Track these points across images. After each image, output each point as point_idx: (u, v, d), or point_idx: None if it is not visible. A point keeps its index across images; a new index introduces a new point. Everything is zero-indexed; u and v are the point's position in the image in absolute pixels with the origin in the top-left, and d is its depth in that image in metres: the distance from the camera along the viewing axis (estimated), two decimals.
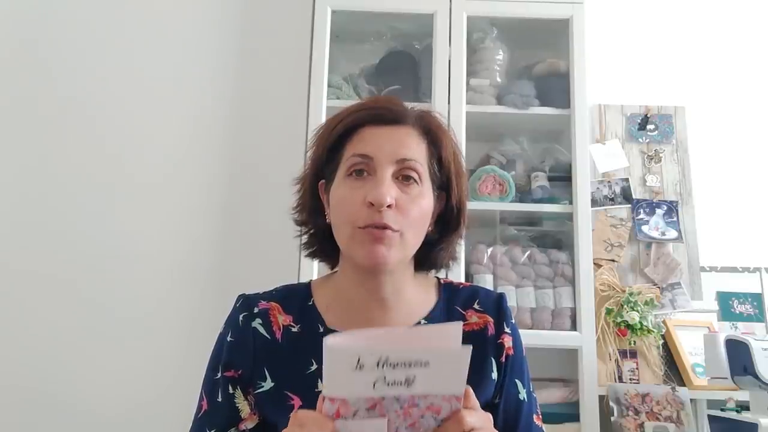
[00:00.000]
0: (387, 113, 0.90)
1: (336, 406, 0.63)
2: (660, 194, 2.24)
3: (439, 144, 0.91)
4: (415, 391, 0.63)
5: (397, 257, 0.85)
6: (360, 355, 0.60)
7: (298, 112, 2.06)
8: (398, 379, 0.62)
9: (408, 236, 0.86)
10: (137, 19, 2.34)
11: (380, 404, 0.64)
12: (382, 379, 0.61)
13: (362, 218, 0.84)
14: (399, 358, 0.61)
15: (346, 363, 0.60)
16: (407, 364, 0.61)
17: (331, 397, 0.63)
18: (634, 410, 1.89)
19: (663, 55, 2.40)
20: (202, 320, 1.92)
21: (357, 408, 0.63)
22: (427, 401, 0.65)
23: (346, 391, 0.62)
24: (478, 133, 2.11)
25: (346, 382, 0.62)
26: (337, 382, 0.62)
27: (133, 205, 2.20)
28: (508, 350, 0.93)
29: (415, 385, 0.63)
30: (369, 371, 0.61)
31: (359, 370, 0.60)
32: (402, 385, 0.62)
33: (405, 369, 0.61)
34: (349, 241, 0.86)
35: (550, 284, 2.00)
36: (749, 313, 2.16)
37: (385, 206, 0.82)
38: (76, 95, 2.27)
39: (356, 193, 0.85)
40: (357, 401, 0.63)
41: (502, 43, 2.18)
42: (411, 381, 0.62)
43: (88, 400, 2.06)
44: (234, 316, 0.94)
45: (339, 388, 0.63)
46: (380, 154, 0.86)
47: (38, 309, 2.11)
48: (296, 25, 2.25)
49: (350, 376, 0.61)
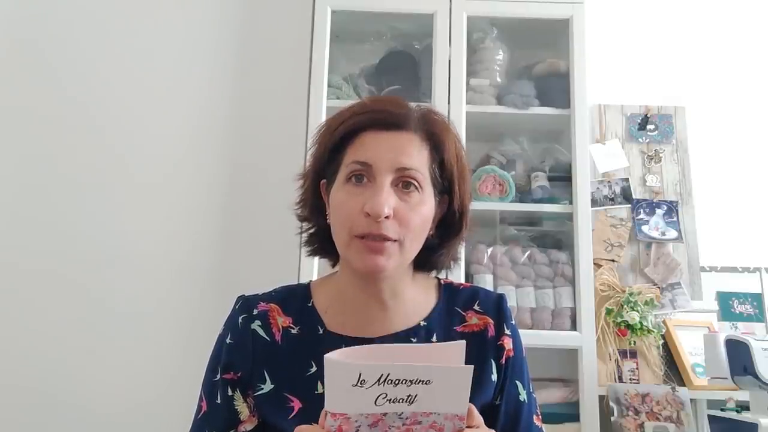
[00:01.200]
0: (388, 117, 0.88)
1: (338, 422, 0.63)
2: (660, 194, 2.24)
3: (441, 148, 0.89)
4: (418, 408, 0.63)
5: (395, 265, 0.85)
6: (361, 371, 0.60)
7: (298, 112, 2.06)
8: (400, 396, 0.62)
9: (407, 244, 0.85)
10: (137, 20, 2.34)
11: (382, 421, 0.63)
12: (383, 395, 0.61)
13: (359, 227, 0.83)
14: (400, 375, 0.61)
15: (347, 379, 0.60)
16: (409, 381, 0.61)
17: (333, 413, 0.62)
18: (634, 410, 1.89)
19: (663, 55, 2.40)
20: (202, 320, 1.92)
21: (359, 424, 0.63)
22: (430, 419, 0.64)
23: (348, 407, 0.62)
24: (478, 133, 2.11)
25: (348, 397, 0.61)
26: (339, 398, 0.62)
27: (133, 205, 2.20)
28: (508, 352, 0.93)
29: (417, 402, 0.62)
30: (370, 388, 0.60)
31: (360, 386, 0.60)
32: (404, 402, 0.62)
33: (407, 387, 0.61)
34: (346, 248, 0.86)
35: (550, 284, 2.00)
36: (749, 313, 2.15)
37: (383, 217, 0.81)
38: (76, 95, 2.27)
39: (354, 200, 0.84)
40: (359, 417, 0.63)
41: (502, 43, 2.18)
42: (413, 399, 0.62)
43: (88, 399, 2.06)
44: (233, 317, 0.94)
45: (340, 404, 0.62)
46: (379, 161, 0.85)
47: (38, 308, 2.11)
48: (296, 25, 2.25)
49: (351, 392, 0.61)
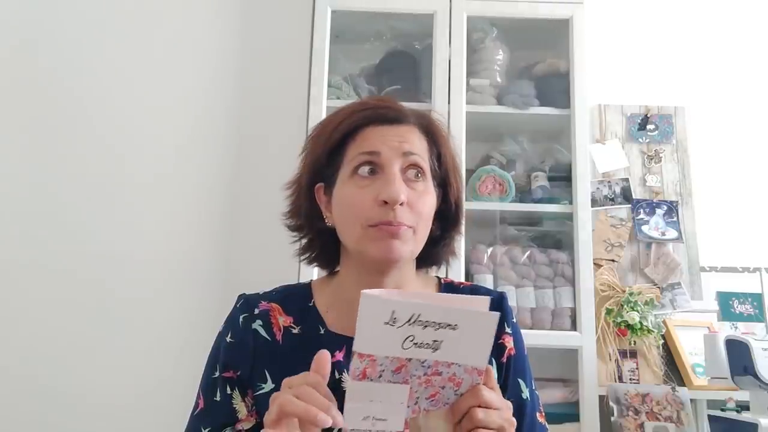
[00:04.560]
0: (389, 112, 0.90)
1: (364, 364, 0.64)
2: (660, 194, 2.24)
3: (438, 141, 0.93)
4: (441, 357, 0.65)
5: (409, 252, 0.86)
6: (394, 308, 0.61)
7: (298, 112, 2.06)
8: (426, 340, 0.63)
9: (420, 232, 0.87)
10: (136, 20, 2.33)
11: (406, 367, 0.65)
12: (411, 338, 0.63)
13: (374, 216, 0.83)
14: (430, 316, 0.62)
15: (380, 315, 0.62)
16: (437, 324, 0.63)
17: (361, 353, 0.63)
18: (634, 410, 1.89)
19: (663, 55, 2.40)
20: (203, 320, 1.92)
21: (383, 369, 0.64)
22: (450, 371, 0.66)
23: (376, 348, 0.63)
24: (478, 133, 2.11)
25: (377, 336, 0.63)
26: (368, 336, 0.63)
27: (132, 205, 2.19)
28: (509, 351, 0.93)
29: (442, 350, 0.64)
30: (400, 327, 0.62)
31: (391, 324, 0.62)
32: (429, 347, 0.64)
33: (434, 330, 0.63)
34: (360, 239, 0.86)
35: (550, 284, 2.00)
36: (749, 313, 2.15)
37: (399, 203, 0.83)
38: (74, 94, 2.26)
39: (365, 191, 0.85)
40: (384, 361, 0.64)
41: (502, 43, 2.18)
42: (438, 345, 0.64)
43: (88, 398, 2.06)
44: (234, 316, 0.94)
45: (369, 343, 0.63)
46: (386, 149, 0.86)
47: (38, 307, 2.10)
48: (296, 25, 2.25)
49: (382, 331, 0.62)
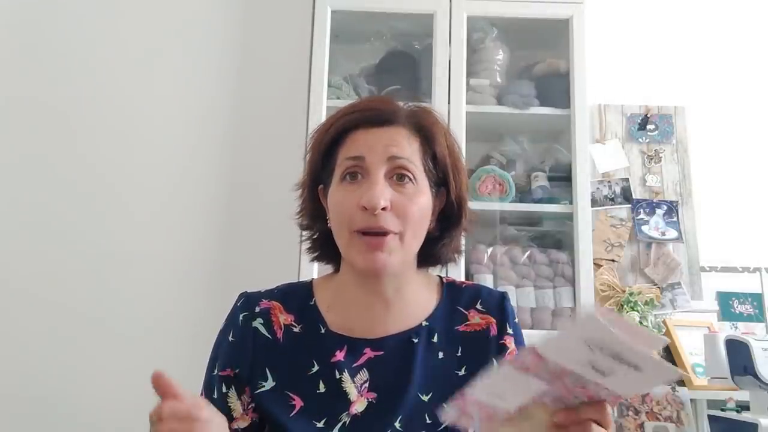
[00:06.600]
0: (377, 114, 0.89)
1: (533, 362, 0.61)
2: (660, 194, 2.24)
3: (432, 140, 0.90)
4: (604, 381, 0.61)
5: (397, 261, 0.85)
6: (604, 336, 0.58)
7: (298, 112, 2.06)
8: (603, 367, 0.60)
9: (407, 237, 0.85)
10: (137, 20, 2.33)
11: (564, 376, 0.62)
12: (593, 360, 0.59)
13: (357, 222, 0.84)
14: (627, 355, 0.58)
15: (587, 332, 0.58)
16: (627, 362, 0.59)
17: (539, 354, 0.61)
18: (634, 410, 1.89)
19: (663, 55, 2.40)
20: (203, 320, 1.91)
21: (545, 370, 0.62)
22: (597, 389, 0.63)
23: (558, 355, 0.61)
24: (478, 133, 2.11)
25: (567, 347, 0.60)
26: (559, 346, 0.61)
27: (133, 205, 2.19)
28: (511, 352, 0.93)
29: (609, 377, 0.61)
30: (592, 349, 0.59)
31: (588, 346, 0.58)
32: (600, 372, 0.61)
33: (618, 363, 0.59)
34: (347, 247, 0.86)
35: (550, 284, 1.99)
36: (749, 313, 2.15)
37: (379, 209, 0.82)
38: (76, 95, 2.26)
39: (350, 196, 0.85)
40: (554, 366, 0.61)
41: (502, 43, 2.18)
42: (610, 372, 0.60)
43: (88, 399, 2.06)
44: (235, 314, 0.94)
45: (555, 351, 0.61)
46: (371, 154, 0.86)
47: (39, 309, 2.10)
48: (296, 25, 2.25)
49: (576, 345, 0.59)
